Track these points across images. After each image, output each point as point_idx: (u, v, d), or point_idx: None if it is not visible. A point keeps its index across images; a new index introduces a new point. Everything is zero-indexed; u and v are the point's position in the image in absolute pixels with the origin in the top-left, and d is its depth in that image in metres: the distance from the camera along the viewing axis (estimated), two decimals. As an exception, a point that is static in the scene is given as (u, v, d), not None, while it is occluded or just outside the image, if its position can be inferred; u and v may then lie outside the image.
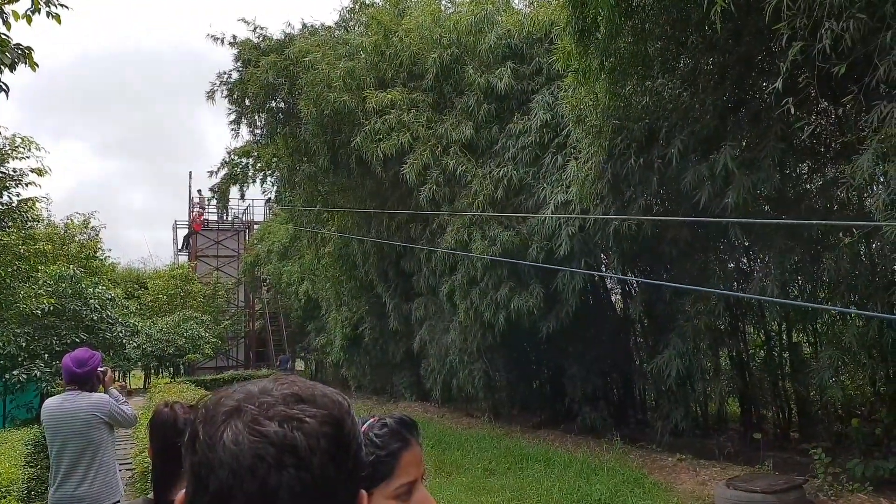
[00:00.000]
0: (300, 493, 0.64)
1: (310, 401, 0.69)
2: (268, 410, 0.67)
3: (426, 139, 10.71)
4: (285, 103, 15.44)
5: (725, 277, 7.86)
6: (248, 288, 29.30)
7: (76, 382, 3.95)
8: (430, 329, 12.87)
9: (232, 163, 26.10)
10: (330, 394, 0.73)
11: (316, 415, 0.68)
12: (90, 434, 3.92)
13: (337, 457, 0.67)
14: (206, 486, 0.65)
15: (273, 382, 0.72)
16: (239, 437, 0.65)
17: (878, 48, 4.78)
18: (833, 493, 6.42)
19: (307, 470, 0.65)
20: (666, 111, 7.60)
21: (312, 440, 0.66)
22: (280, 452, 0.64)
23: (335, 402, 0.72)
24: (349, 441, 0.70)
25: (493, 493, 7.45)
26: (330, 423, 0.68)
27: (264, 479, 0.63)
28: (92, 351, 4.13)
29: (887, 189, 4.83)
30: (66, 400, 3.95)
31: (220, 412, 0.68)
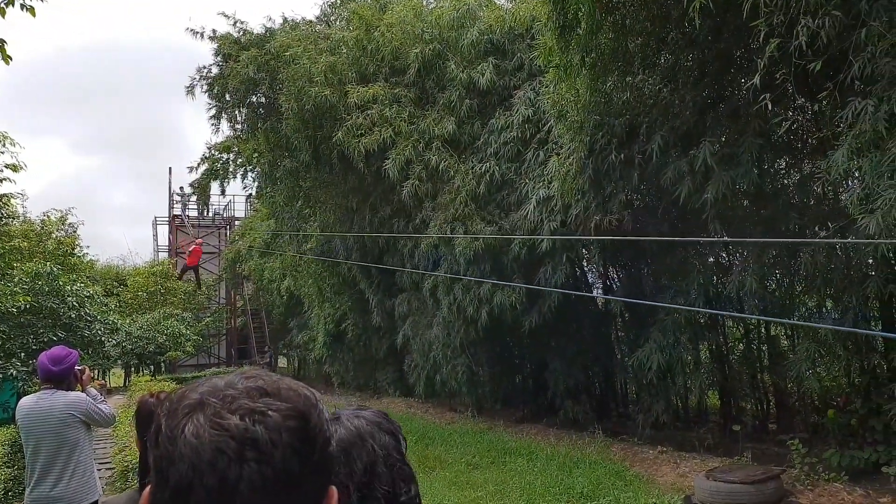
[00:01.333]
0: (261, 487, 0.63)
1: (274, 394, 0.68)
2: (230, 404, 0.66)
3: (408, 134, 10.68)
4: (266, 98, 15.30)
5: (705, 271, 7.95)
6: (230, 285, 29.06)
7: (52, 381, 3.89)
8: (414, 325, 12.87)
9: (212, 158, 25.87)
10: (296, 387, 0.72)
11: (280, 408, 0.67)
12: (65, 433, 3.86)
13: (301, 451, 0.66)
14: (166, 479, 0.65)
15: (239, 376, 0.71)
16: (200, 430, 0.64)
17: (853, 45, 4.86)
18: (809, 482, 6.54)
19: (268, 464, 0.63)
20: (646, 107, 7.66)
21: (274, 434, 0.65)
22: (241, 446, 0.63)
23: (301, 395, 0.71)
24: (314, 435, 0.69)
25: (476, 488, 7.49)
26: (294, 416, 0.67)
27: (224, 472, 0.62)
28: (69, 349, 4.07)
29: (861, 184, 4.91)
30: (40, 399, 3.89)
31: (183, 405, 0.67)
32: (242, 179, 25.06)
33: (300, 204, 15.65)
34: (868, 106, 4.73)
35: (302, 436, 0.67)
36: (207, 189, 28.17)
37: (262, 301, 26.26)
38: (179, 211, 30.49)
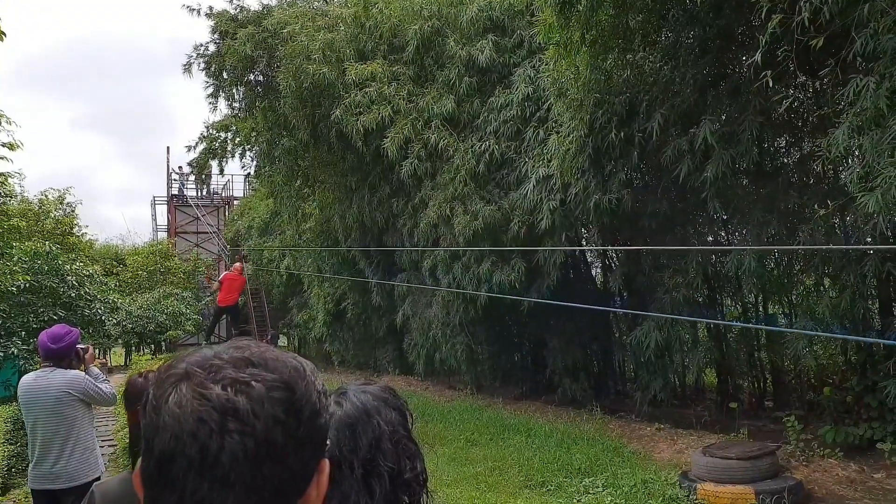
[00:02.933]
0: (243, 458, 0.62)
1: (260, 365, 0.68)
2: (215, 374, 0.66)
3: (407, 112, 10.62)
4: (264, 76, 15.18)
5: (704, 250, 7.95)
6: (229, 264, 29.07)
7: (51, 359, 3.90)
8: (413, 304, 12.91)
9: (210, 137, 25.73)
10: (284, 358, 0.71)
11: (265, 379, 0.66)
12: (63, 411, 3.88)
13: (286, 422, 0.65)
14: (151, 448, 0.65)
15: (227, 346, 0.71)
16: (183, 400, 0.64)
17: (856, 21, 4.82)
18: (804, 458, 6.63)
19: (251, 435, 0.63)
20: (646, 85, 7.62)
21: (257, 405, 0.64)
22: (222, 416, 0.63)
23: (289, 366, 0.69)
24: (301, 407, 0.67)
25: (475, 463, 7.58)
26: (280, 387, 0.66)
27: (206, 443, 0.62)
28: (70, 328, 4.08)
29: (861, 162, 4.90)
30: (39, 377, 3.90)
31: (169, 375, 0.67)
32: (241, 159, 24.94)
33: (299, 183, 15.60)
34: (870, 83, 4.70)
35: (287, 407, 0.66)
36: (206, 168, 28.06)
37: (261, 281, 26.30)
38: (177, 191, 30.39)
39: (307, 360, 0.76)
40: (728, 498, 5.58)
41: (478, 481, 6.90)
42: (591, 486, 6.49)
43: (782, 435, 7.10)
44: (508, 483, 6.84)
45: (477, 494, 6.40)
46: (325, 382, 0.76)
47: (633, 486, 6.27)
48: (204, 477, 0.62)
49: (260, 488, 0.64)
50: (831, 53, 5.21)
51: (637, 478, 6.51)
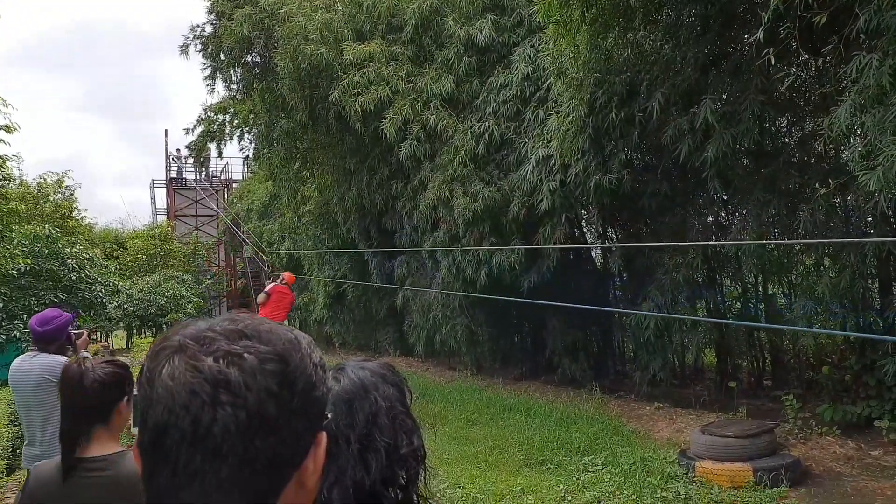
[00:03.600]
0: (235, 430, 0.62)
1: (253, 337, 0.67)
2: (207, 346, 0.65)
3: (406, 93, 10.55)
4: (261, 57, 15.08)
5: (704, 231, 7.95)
6: (228, 247, 29.10)
7: (39, 342, 3.83)
8: (413, 286, 12.93)
9: (208, 119, 25.60)
10: (278, 330, 0.70)
11: (258, 351, 0.66)
12: (41, 396, 3.81)
13: (279, 395, 0.65)
14: (146, 421, 0.65)
15: (222, 319, 0.70)
16: (175, 372, 0.64)
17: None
18: (802, 436, 6.68)
19: (243, 407, 0.62)
20: (647, 64, 7.56)
21: (249, 377, 0.64)
22: (214, 389, 0.62)
23: (283, 338, 0.69)
24: (294, 379, 0.67)
25: (475, 443, 7.64)
26: (273, 359, 0.66)
27: (198, 415, 0.62)
28: (61, 311, 4.03)
29: (863, 140, 4.88)
30: (23, 361, 3.86)
31: (164, 348, 0.67)
32: (239, 141, 24.85)
33: (297, 166, 15.55)
34: (873, 60, 4.66)
35: (280, 379, 0.65)
36: (204, 151, 27.95)
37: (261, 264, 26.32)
38: (176, 174, 30.32)
39: (304, 333, 0.75)
40: (726, 475, 5.63)
41: (478, 460, 6.96)
42: (590, 464, 6.54)
43: (781, 413, 7.15)
44: (509, 462, 6.90)
45: (478, 473, 6.45)
46: (316, 349, 0.75)
47: (632, 465, 6.32)
48: (196, 449, 0.62)
49: (253, 460, 0.63)
50: (834, 30, 5.16)
51: (636, 456, 6.56)
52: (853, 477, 5.74)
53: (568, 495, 5.73)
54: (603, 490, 5.74)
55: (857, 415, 6.54)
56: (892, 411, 6.29)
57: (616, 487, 5.77)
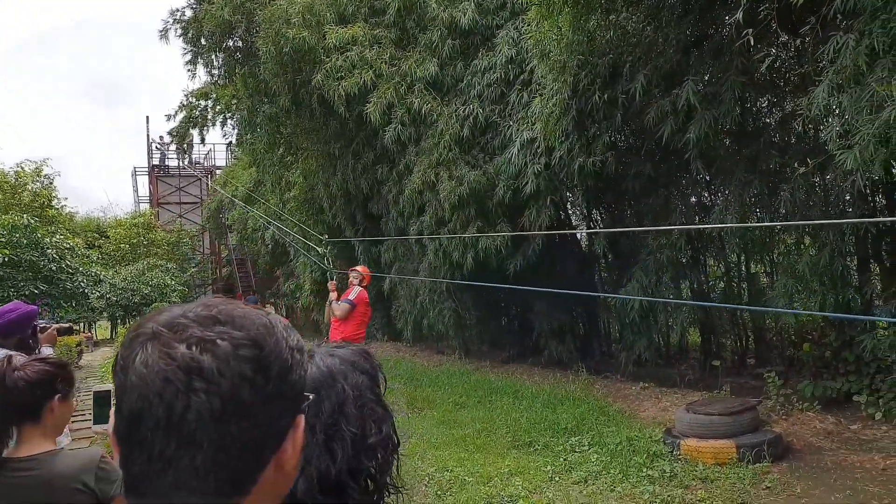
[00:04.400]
0: (209, 417, 0.62)
1: (227, 322, 0.67)
2: (180, 333, 0.65)
3: (390, 77, 10.49)
4: (243, 42, 14.90)
5: (687, 211, 8.02)
6: (213, 235, 28.91)
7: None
8: (400, 271, 12.95)
9: (190, 105, 25.30)
10: (253, 315, 0.70)
11: (231, 336, 0.66)
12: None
13: (254, 380, 0.65)
14: (121, 409, 0.65)
15: (196, 305, 0.70)
16: (149, 359, 0.64)
17: (838, -23, 4.79)
18: (784, 412, 6.81)
19: (216, 394, 0.63)
20: (630, 46, 7.56)
21: (223, 363, 0.64)
22: (187, 376, 0.63)
23: (258, 323, 0.69)
24: (269, 363, 0.67)
25: (463, 426, 7.70)
26: (247, 345, 0.66)
27: (171, 402, 0.62)
28: (22, 304, 3.91)
29: (841, 120, 4.93)
30: None
31: (138, 335, 0.67)
32: (222, 127, 24.58)
33: (281, 151, 15.44)
34: (849, 40, 4.70)
35: (255, 365, 0.65)
36: (187, 138, 27.66)
37: (247, 251, 26.20)
38: (159, 161, 29.99)
39: (281, 317, 0.76)
40: (710, 452, 5.73)
41: (466, 443, 7.03)
42: (577, 444, 6.63)
43: (763, 391, 7.28)
44: (496, 444, 6.97)
45: (465, 455, 6.51)
46: (292, 332, 0.75)
47: (618, 444, 6.40)
48: (171, 436, 0.63)
49: (229, 446, 0.64)
50: (812, 10, 5.19)
51: (622, 436, 6.65)
52: (833, 451, 5.86)
53: (555, 476, 5.80)
54: (590, 470, 5.82)
55: (837, 390, 6.67)
56: (871, 386, 6.43)
57: (602, 467, 5.86)
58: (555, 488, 5.49)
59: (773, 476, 5.35)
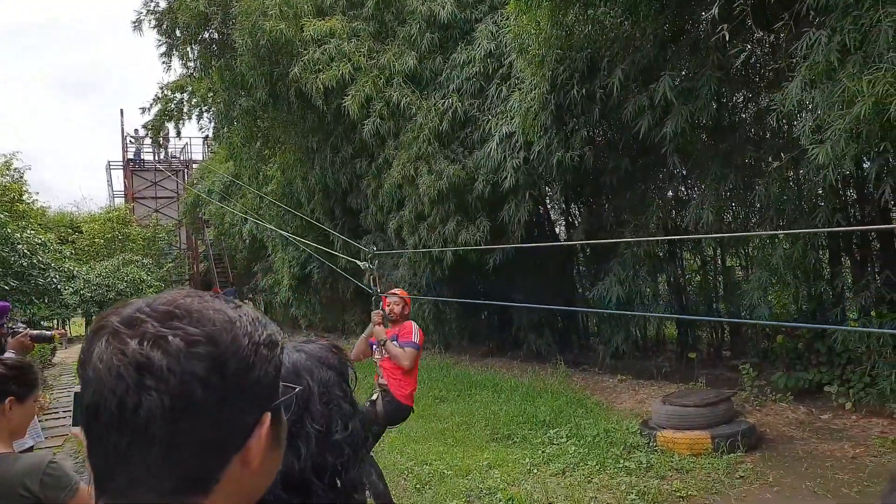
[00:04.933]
0: (160, 415, 0.61)
1: (184, 317, 0.65)
2: (135, 328, 0.64)
3: (368, 70, 10.42)
4: (219, 34, 14.68)
5: (664, 206, 8.09)
6: (190, 229, 28.55)
7: None
8: (380, 266, 12.87)
9: (165, 98, 24.89)
10: (216, 309, 0.68)
11: (185, 333, 0.64)
12: None
13: (206, 379, 0.63)
14: (82, 402, 0.65)
15: (159, 298, 0.69)
16: (104, 355, 0.63)
17: (811, -26, 4.85)
18: (758, 403, 6.92)
19: (166, 392, 0.61)
20: (607, 41, 7.60)
21: (173, 361, 0.62)
22: (138, 373, 0.62)
23: (217, 319, 0.67)
24: (224, 361, 0.65)
25: (443, 420, 7.72)
26: (201, 342, 0.64)
27: (123, 399, 0.61)
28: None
29: (814, 115, 5.01)
30: None
31: (99, 329, 0.66)
32: (198, 120, 24.21)
33: (259, 145, 15.27)
34: (822, 37, 4.77)
35: (209, 363, 0.64)
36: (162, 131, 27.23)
37: (224, 245, 25.94)
38: (133, 155, 29.52)
39: (252, 311, 0.73)
40: (686, 443, 5.81)
41: (445, 436, 7.05)
42: (555, 437, 6.68)
43: (738, 382, 7.39)
44: (475, 437, 7.00)
45: (445, 449, 6.54)
46: (261, 327, 0.72)
47: (595, 436, 6.47)
48: (124, 432, 0.62)
49: (182, 444, 0.63)
50: (786, 7, 5.26)
51: (600, 427, 6.72)
52: (804, 440, 5.98)
53: (533, 468, 5.84)
54: (567, 462, 5.87)
55: (809, 381, 6.80)
56: (842, 377, 6.56)
57: (580, 459, 5.91)
58: (533, 480, 5.53)
59: (746, 465, 5.44)
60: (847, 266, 7.10)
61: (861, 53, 4.65)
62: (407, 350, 4.84)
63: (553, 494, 5.20)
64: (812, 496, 4.78)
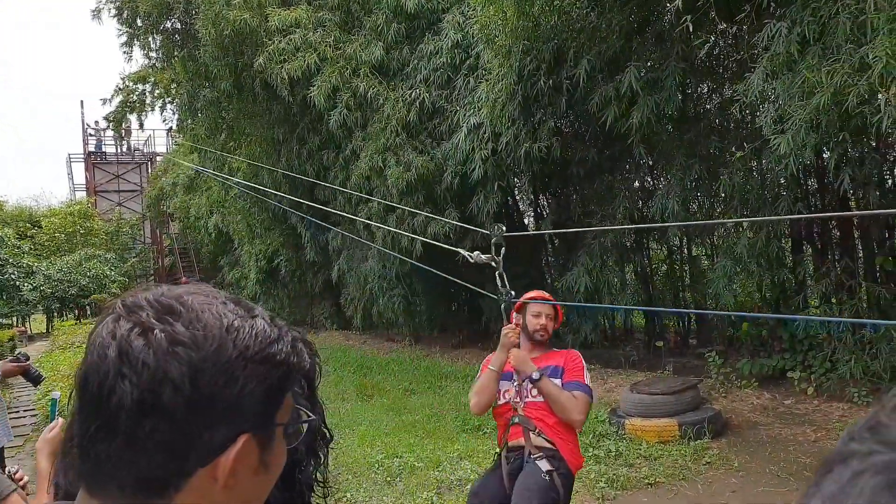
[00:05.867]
0: (128, 406, 0.60)
1: (177, 314, 0.64)
2: (132, 314, 0.64)
3: (334, 60, 10.28)
4: (182, 23, 14.37)
5: (631, 196, 8.16)
6: (155, 223, 27.97)
7: None
8: (349, 258, 12.80)
9: (127, 89, 24.33)
10: (213, 313, 0.65)
11: (172, 331, 0.63)
12: None
13: (177, 383, 0.61)
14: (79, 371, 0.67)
15: (170, 289, 0.68)
16: (102, 332, 0.64)
17: (772, -34, 4.91)
18: (724, 390, 7.05)
19: (137, 385, 0.60)
20: (574, 31, 7.59)
21: (150, 356, 0.61)
22: (119, 360, 0.61)
23: (210, 323, 0.64)
24: (201, 369, 0.62)
25: (413, 412, 7.71)
26: (184, 344, 0.62)
27: (102, 381, 0.62)
28: None
29: (775, 106, 5.08)
30: None
31: (109, 306, 0.68)
32: (161, 112, 23.73)
33: (224, 137, 15.01)
34: (782, 28, 4.83)
35: (185, 367, 0.61)
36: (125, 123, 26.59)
37: (189, 240, 25.50)
38: (95, 147, 28.77)
39: (268, 323, 0.69)
40: (654, 431, 5.89)
41: (416, 429, 7.03)
42: (525, 426, 6.70)
43: (704, 370, 7.51)
44: (445, 429, 7.00)
45: (415, 441, 6.52)
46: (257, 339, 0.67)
47: (565, 425, 6.51)
48: (98, 415, 0.62)
49: (143, 441, 0.61)
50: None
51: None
52: (768, 425, 6.10)
53: (504, 458, 5.86)
54: (537, 451, 5.90)
55: (772, 367, 6.95)
56: (804, 363, 6.71)
57: (550, 447, 5.95)
58: (503, 471, 5.54)
59: (712, 452, 5.53)
60: (809, 254, 7.25)
61: (820, 45, 4.72)
62: (578, 395, 3.17)
63: (523, 484, 5.23)
64: (776, 480, 4.88)
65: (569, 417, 3.09)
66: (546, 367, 3.21)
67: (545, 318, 3.37)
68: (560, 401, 3.08)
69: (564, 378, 3.21)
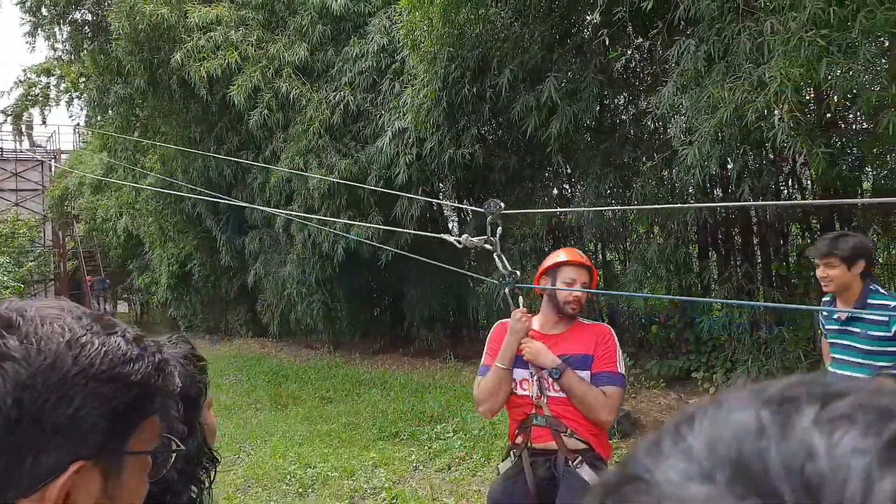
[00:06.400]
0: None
1: (18, 328, 0.60)
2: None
3: (256, 60, 10.06)
4: (92, 15, 13.71)
5: (549, 203, 8.38)
6: (57, 225, 26.33)
7: None
8: (266, 263, 12.48)
9: (28, 82, 22.87)
10: (58, 327, 0.61)
11: (2, 344, 0.59)
12: None
13: (1, 401, 0.58)
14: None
15: (24, 302, 0.64)
16: None
17: (682, -14, 5.19)
18: (634, 391, 7.31)
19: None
20: (498, 41, 7.75)
21: None
22: None
23: (49, 338, 0.61)
24: (28, 386, 0.58)
25: (329, 421, 7.56)
26: (13, 359, 0.59)
27: None
28: None
29: (684, 119, 5.36)
30: None
31: None
32: (68, 107, 22.48)
33: (137, 135, 14.35)
34: (691, 45, 5.12)
35: (9, 385, 0.57)
36: (26, 117, 24.95)
37: (96, 242, 24.15)
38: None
39: (129, 341, 0.65)
40: (568, 431, 6.03)
41: (331, 437, 6.90)
42: (442, 432, 6.71)
43: (616, 372, 7.77)
44: (362, 437, 6.91)
45: (330, 451, 6.39)
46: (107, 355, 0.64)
47: (481, 429, 6.55)
48: None
49: None
50: (660, 15, 5.60)
51: (485, 421, 6.81)
52: (674, 424, 6.38)
53: (419, 465, 5.85)
54: (453, 456, 5.92)
55: (679, 368, 7.28)
56: (707, 363, 7.08)
57: (466, 452, 5.98)
58: (419, 477, 5.53)
59: (621, 451, 5.70)
60: (713, 260, 7.66)
61: (724, 63, 5.03)
62: (609, 392, 2.67)
63: (438, 490, 5.23)
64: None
65: (596, 418, 2.60)
66: (570, 356, 2.66)
67: (581, 286, 2.74)
68: (587, 400, 2.56)
69: (594, 368, 2.67)
